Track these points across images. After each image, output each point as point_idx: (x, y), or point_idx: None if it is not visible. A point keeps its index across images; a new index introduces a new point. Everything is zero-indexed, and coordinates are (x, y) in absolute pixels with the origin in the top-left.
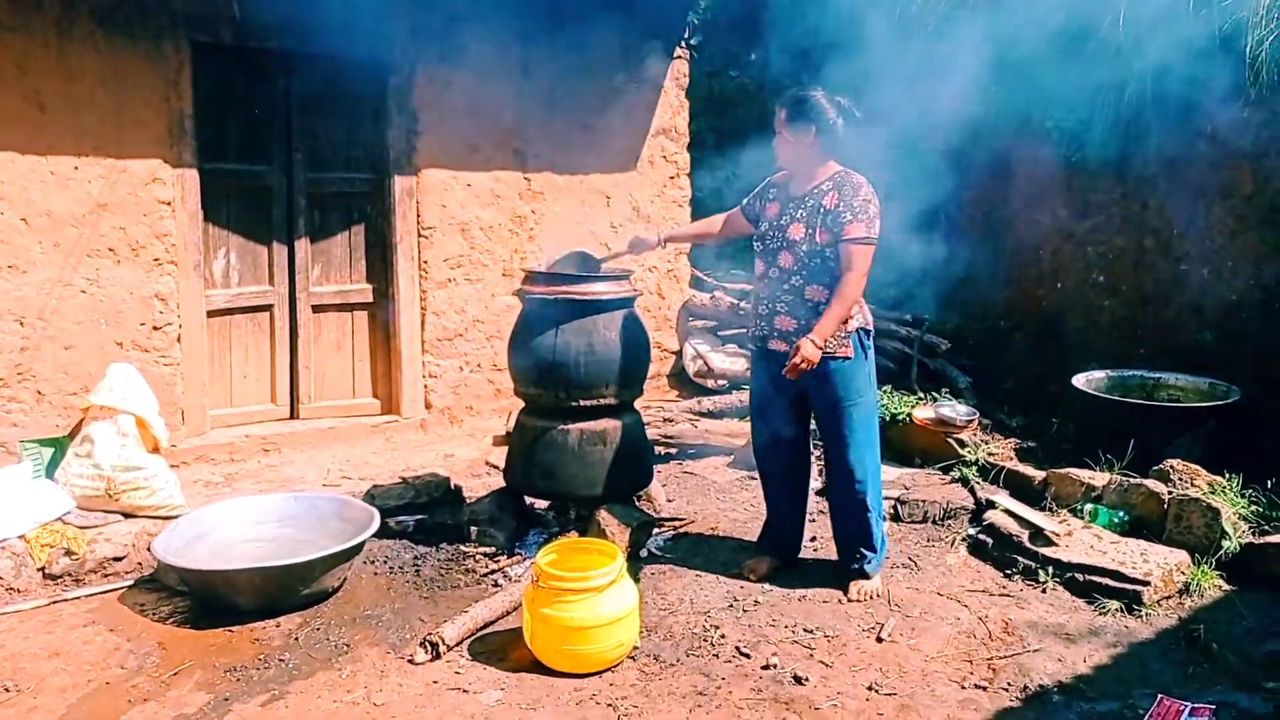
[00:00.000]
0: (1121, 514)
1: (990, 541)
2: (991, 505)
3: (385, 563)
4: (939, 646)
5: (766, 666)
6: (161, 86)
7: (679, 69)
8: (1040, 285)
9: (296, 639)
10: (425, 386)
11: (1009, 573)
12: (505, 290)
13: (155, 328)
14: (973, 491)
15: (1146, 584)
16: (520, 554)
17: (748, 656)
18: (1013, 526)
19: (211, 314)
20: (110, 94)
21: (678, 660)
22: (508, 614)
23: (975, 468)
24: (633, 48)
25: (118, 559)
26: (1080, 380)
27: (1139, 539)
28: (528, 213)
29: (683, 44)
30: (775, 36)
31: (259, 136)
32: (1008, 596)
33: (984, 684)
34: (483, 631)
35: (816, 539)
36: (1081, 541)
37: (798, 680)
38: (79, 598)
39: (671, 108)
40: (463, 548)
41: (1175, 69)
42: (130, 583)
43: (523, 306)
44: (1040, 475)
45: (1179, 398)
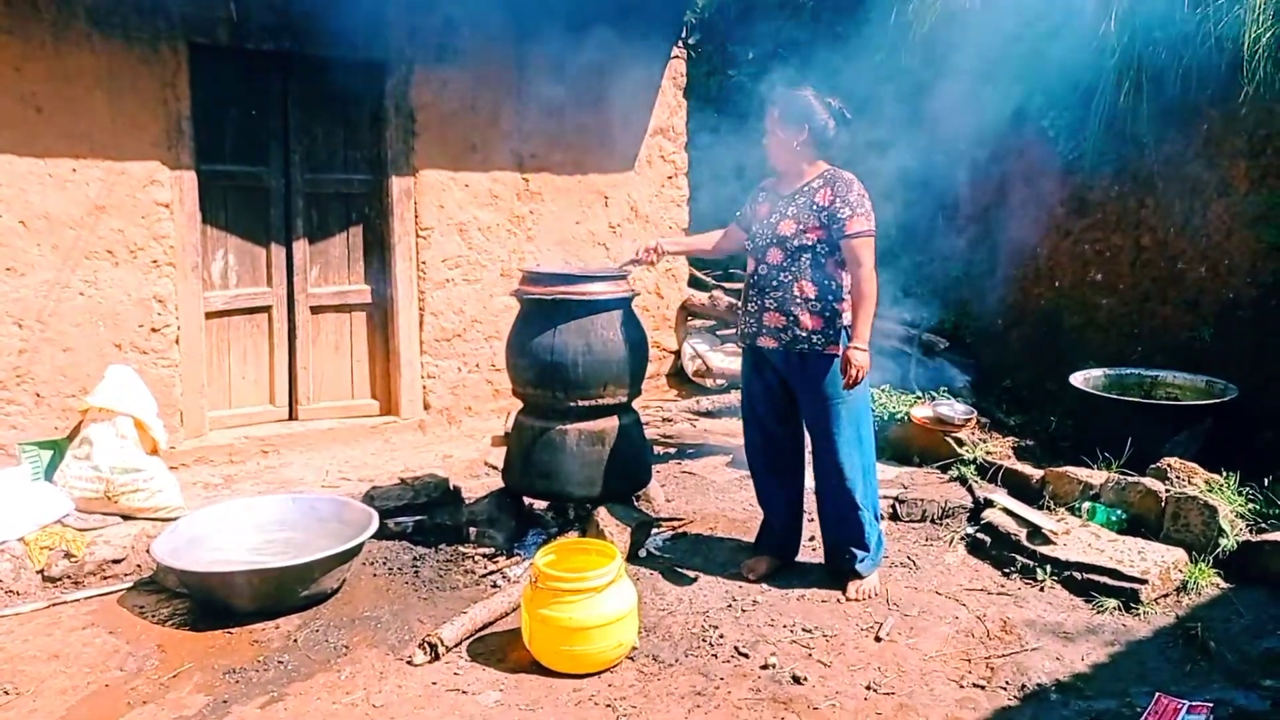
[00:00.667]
0: (1119, 512)
1: (988, 540)
2: (990, 504)
3: (384, 564)
4: (937, 645)
5: (765, 666)
6: (159, 88)
7: (677, 69)
8: (1038, 284)
9: (295, 641)
10: (424, 387)
11: (1007, 571)
12: (503, 291)
13: (154, 329)
14: (971, 490)
15: (1144, 582)
16: (519, 555)
17: (746, 656)
18: (1011, 525)
19: (210, 315)
20: (108, 96)
21: (676, 660)
22: (506, 615)
23: (973, 466)
24: (630, 47)
25: (117, 561)
26: (1078, 379)
27: (1137, 537)
28: (526, 213)
29: (680, 43)
30: (772, 36)
31: (257, 138)
32: (1006, 595)
33: (982, 683)
34: (482, 632)
35: (815, 538)
36: (1079, 540)
37: (796, 680)
38: (78, 600)
39: (669, 107)
40: (461, 549)
41: (1172, 67)
42: (129, 585)
43: (521, 307)
44: (1038, 474)
45: (1176, 396)
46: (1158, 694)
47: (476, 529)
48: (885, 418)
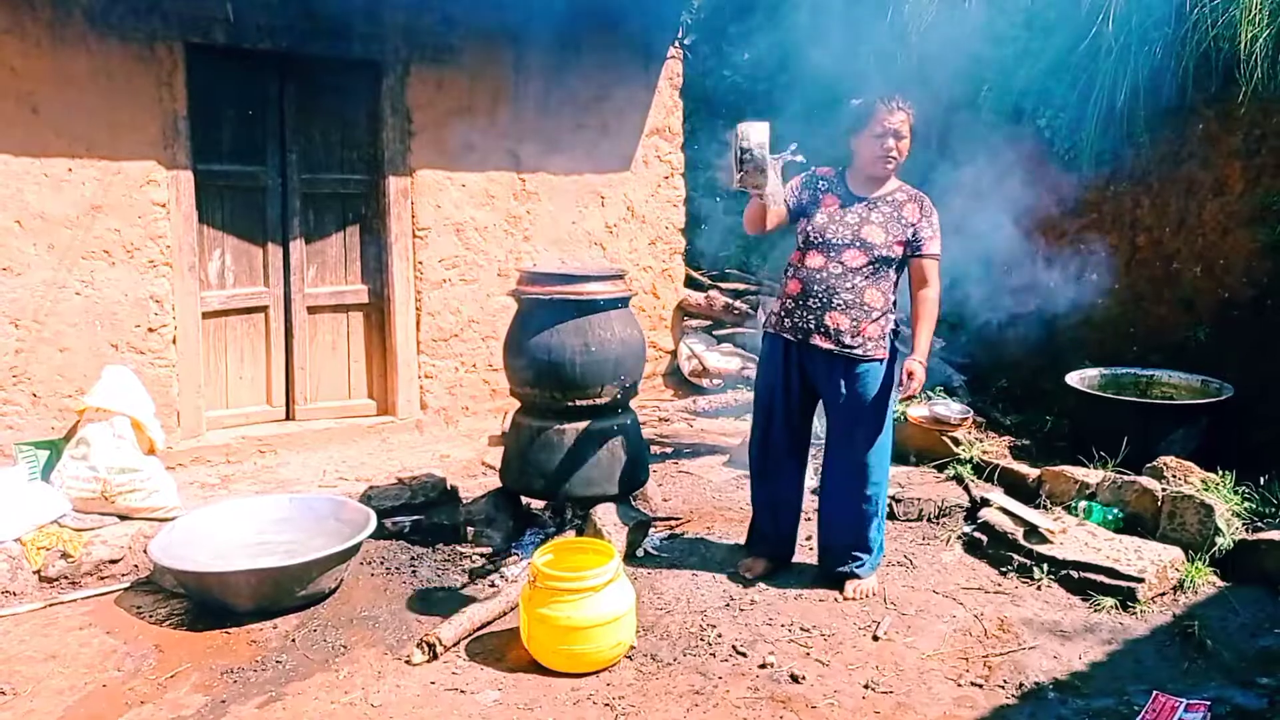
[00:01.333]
0: (1115, 511)
1: (985, 539)
2: (986, 503)
3: (382, 563)
4: (935, 644)
5: (763, 665)
6: (155, 88)
7: (673, 69)
8: (1033, 283)
9: (293, 640)
10: (421, 387)
11: (1004, 570)
12: (500, 290)
13: (150, 329)
14: (967, 489)
15: (1141, 581)
16: (517, 554)
17: (744, 655)
18: (1007, 524)
19: (207, 315)
20: (104, 96)
21: (675, 659)
22: (505, 614)
23: (970, 466)
24: (627, 48)
25: (114, 561)
26: (1074, 378)
27: (1133, 536)
28: (522, 213)
29: (676, 44)
30: (767, 36)
31: (253, 137)
32: (1003, 594)
33: (980, 681)
34: (480, 632)
35: (812, 537)
36: (1076, 539)
37: (794, 679)
38: (75, 600)
39: (665, 108)
40: (459, 548)
41: (1168, 66)
42: (127, 585)
43: (518, 307)
44: (1034, 473)
45: (1172, 395)
46: (1155, 692)
47: (474, 528)
48: None
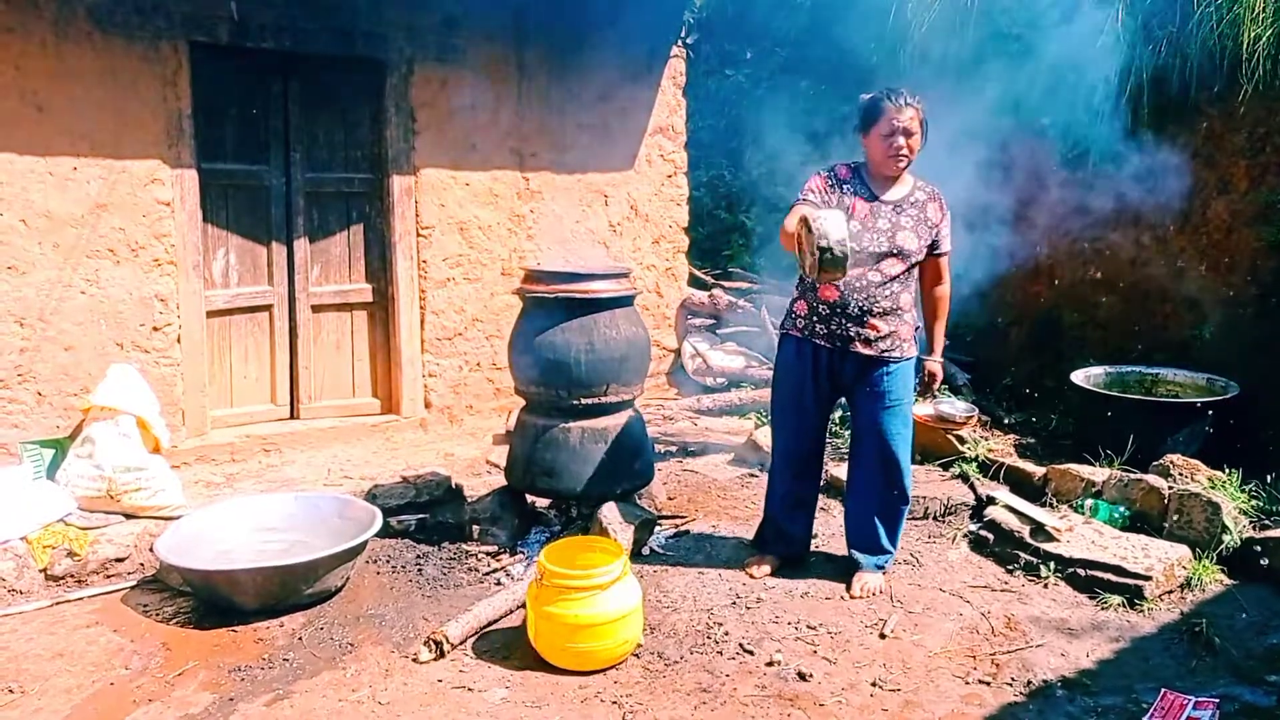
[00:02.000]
0: (1122, 509)
1: (991, 537)
2: (992, 501)
3: (388, 562)
4: (942, 642)
5: (770, 663)
6: (160, 87)
7: (676, 68)
8: (1037, 281)
9: (300, 638)
10: (425, 386)
11: (1011, 568)
12: (504, 289)
13: (155, 328)
14: (973, 488)
15: (1148, 579)
16: (522, 552)
17: (751, 653)
18: (1014, 522)
19: (211, 314)
20: (108, 94)
21: (682, 658)
22: (511, 612)
23: (975, 464)
24: (630, 46)
25: (120, 560)
26: (1079, 376)
27: (1140, 534)
28: (526, 212)
29: (680, 43)
30: (770, 35)
31: (257, 136)
32: (1010, 592)
33: (988, 679)
34: (486, 630)
35: (819, 535)
36: (1082, 537)
37: (802, 677)
38: (82, 599)
39: (669, 107)
40: (465, 546)
41: (1172, 65)
42: (133, 583)
43: (523, 305)
44: (1040, 471)
45: (1177, 393)
46: (1164, 690)
47: (479, 527)
48: None
